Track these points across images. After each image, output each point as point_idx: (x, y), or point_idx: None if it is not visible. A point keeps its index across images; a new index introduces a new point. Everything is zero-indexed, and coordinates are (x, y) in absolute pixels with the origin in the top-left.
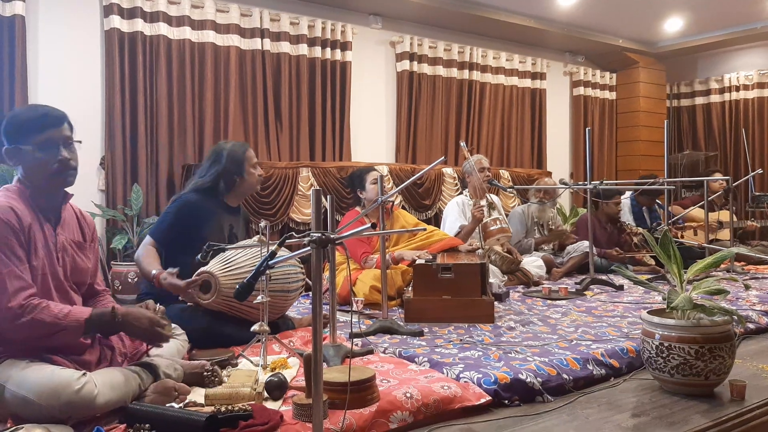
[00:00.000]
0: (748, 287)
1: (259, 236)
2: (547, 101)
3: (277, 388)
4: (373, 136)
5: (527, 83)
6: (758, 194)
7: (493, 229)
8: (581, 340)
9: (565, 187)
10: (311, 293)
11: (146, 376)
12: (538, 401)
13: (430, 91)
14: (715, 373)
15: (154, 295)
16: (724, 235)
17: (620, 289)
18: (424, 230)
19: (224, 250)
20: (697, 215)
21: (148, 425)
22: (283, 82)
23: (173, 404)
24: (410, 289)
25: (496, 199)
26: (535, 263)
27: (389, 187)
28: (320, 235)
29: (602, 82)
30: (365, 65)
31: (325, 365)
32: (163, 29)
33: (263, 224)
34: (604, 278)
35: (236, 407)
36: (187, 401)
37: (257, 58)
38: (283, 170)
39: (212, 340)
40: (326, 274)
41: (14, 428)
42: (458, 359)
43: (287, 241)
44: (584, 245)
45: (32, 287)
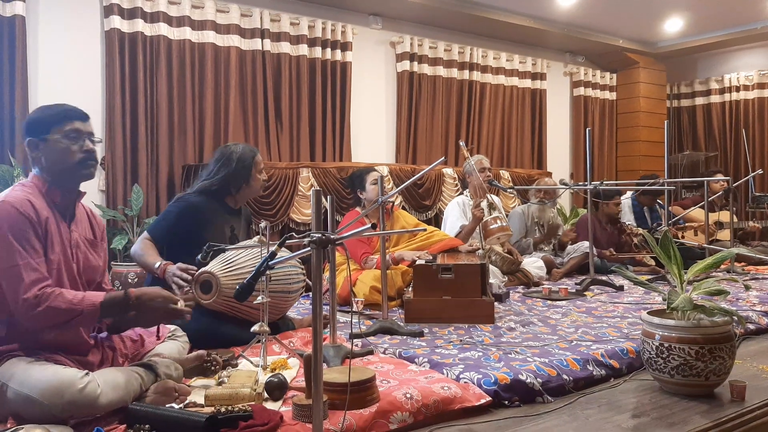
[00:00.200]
0: (748, 288)
1: (259, 237)
2: (547, 101)
3: (277, 388)
4: (373, 136)
5: (527, 83)
6: (758, 195)
7: (493, 227)
8: (581, 340)
9: (565, 187)
10: (311, 294)
11: (147, 376)
12: (538, 402)
13: (430, 91)
14: (715, 373)
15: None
16: (724, 235)
17: (620, 289)
18: (424, 231)
19: (225, 250)
20: (697, 216)
21: (148, 426)
22: (283, 82)
23: (173, 405)
24: (410, 289)
25: (496, 199)
26: (535, 264)
27: (389, 187)
28: (320, 235)
29: (602, 82)
30: (365, 65)
31: (325, 366)
32: (163, 29)
33: (263, 225)
34: (604, 279)
35: (236, 408)
36: (187, 402)
37: (257, 58)
38: (283, 171)
39: (212, 340)
40: (326, 274)
41: (14, 428)
42: (458, 360)
43: (287, 241)
44: (584, 246)
45: (47, 279)
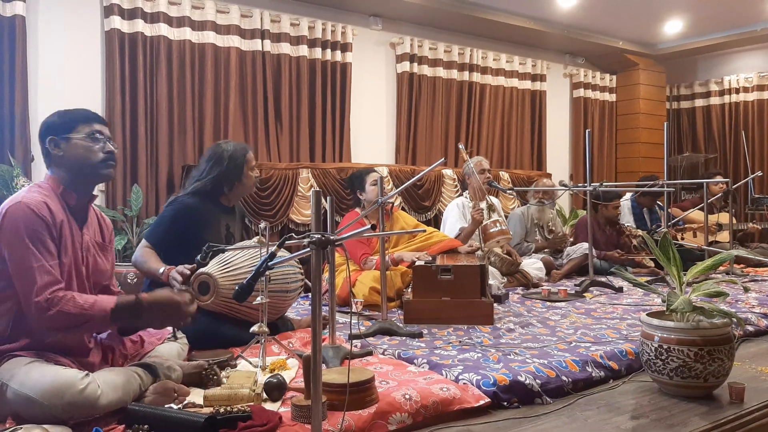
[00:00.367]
0: (747, 290)
1: (258, 237)
2: (547, 103)
3: (276, 389)
4: (373, 137)
5: (527, 85)
6: (758, 196)
7: (492, 231)
8: (580, 342)
9: (564, 188)
10: (310, 294)
11: (146, 376)
12: (537, 403)
13: (430, 92)
14: (714, 375)
15: None
16: (723, 237)
17: (619, 291)
18: (423, 232)
19: (224, 251)
20: (696, 217)
21: (147, 426)
22: (283, 83)
23: (172, 405)
24: (410, 290)
25: (495, 201)
26: (534, 265)
27: (389, 188)
28: (320, 236)
29: (602, 83)
30: (365, 66)
31: (324, 366)
32: (163, 30)
33: (263, 225)
34: (603, 280)
35: (235, 408)
36: (186, 402)
37: (257, 59)
38: (282, 171)
39: (211, 341)
40: (326, 275)
41: (13, 428)
42: (457, 361)
43: (287, 242)
44: (583, 247)
45: (60, 282)
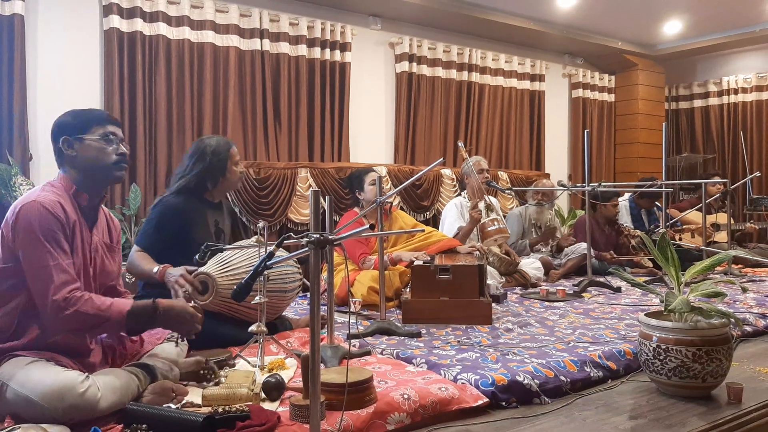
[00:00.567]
0: (745, 290)
1: (257, 237)
2: (546, 103)
3: (274, 388)
4: (372, 137)
5: (526, 85)
6: (756, 197)
7: (490, 229)
8: (579, 342)
9: (563, 188)
10: (309, 294)
11: (144, 376)
12: (535, 403)
13: (429, 92)
14: (712, 375)
15: (154, 295)
16: (721, 237)
17: (618, 291)
18: (422, 231)
19: (222, 250)
20: (694, 218)
21: (145, 425)
22: (282, 82)
23: (171, 405)
24: (408, 290)
25: (494, 200)
26: (533, 265)
27: (388, 188)
28: (318, 236)
29: (601, 84)
30: (364, 66)
31: (322, 366)
32: (162, 29)
33: (261, 224)
34: (601, 280)
35: (233, 408)
36: (184, 402)
37: (256, 58)
38: (281, 171)
39: (210, 340)
40: (324, 274)
41: (11, 428)
42: (456, 361)
43: (285, 241)
44: (582, 247)
45: (76, 281)
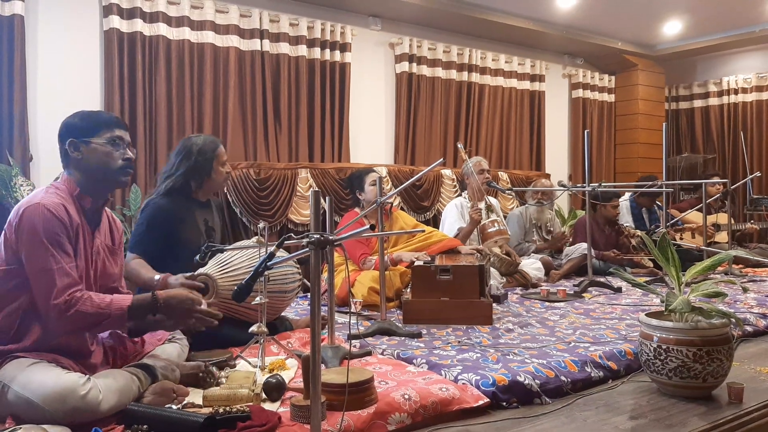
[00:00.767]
0: (746, 290)
1: (257, 237)
2: (546, 103)
3: (275, 389)
4: (372, 137)
5: (526, 85)
6: (756, 197)
7: (491, 231)
8: (579, 342)
9: (563, 189)
10: (309, 295)
11: (145, 377)
12: (536, 403)
13: (429, 92)
14: (712, 375)
15: None
16: (722, 237)
17: (618, 291)
18: (422, 231)
19: (222, 251)
20: (694, 218)
21: (146, 426)
22: (282, 83)
23: (171, 405)
24: (409, 290)
25: (494, 201)
26: (533, 265)
27: (388, 188)
28: (319, 236)
29: (601, 84)
30: (364, 67)
31: (323, 367)
32: (162, 30)
33: (261, 225)
34: (602, 280)
35: (234, 408)
36: (185, 402)
37: (256, 58)
38: (281, 171)
39: (210, 341)
40: (325, 275)
41: (12, 429)
42: (456, 361)
43: (286, 242)
44: (582, 247)
45: (79, 283)
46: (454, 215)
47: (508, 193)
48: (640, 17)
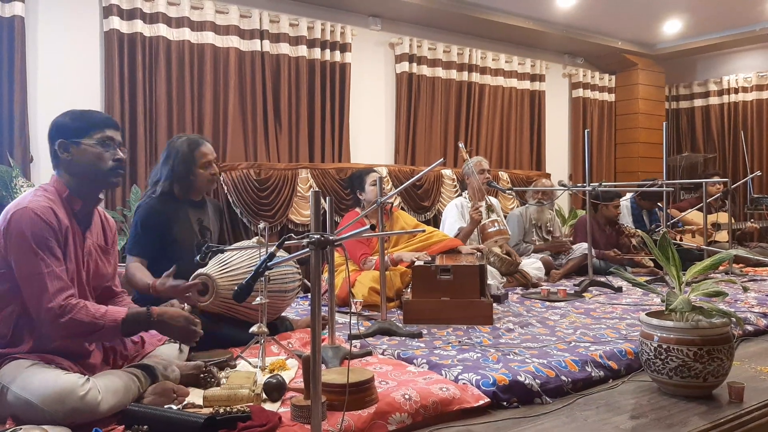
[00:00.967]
0: (746, 289)
1: (257, 237)
2: (546, 103)
3: (275, 389)
4: (372, 137)
5: (526, 85)
6: (757, 196)
7: (491, 230)
8: (580, 341)
9: (563, 188)
10: (310, 295)
11: (145, 378)
12: (536, 403)
13: (429, 92)
14: (713, 375)
15: (149, 300)
16: (722, 237)
17: (619, 290)
18: (423, 231)
19: (222, 251)
20: (694, 218)
21: (146, 426)
22: (282, 83)
23: (172, 405)
24: (409, 290)
25: (495, 201)
26: (533, 265)
27: (388, 188)
28: (319, 236)
29: (601, 83)
30: (364, 67)
31: (323, 367)
32: (162, 30)
33: (262, 225)
34: (602, 280)
35: (234, 409)
36: (185, 402)
37: (257, 59)
38: (282, 171)
39: (210, 341)
40: (325, 275)
41: (12, 429)
42: (457, 361)
43: (286, 242)
44: (583, 247)
45: (71, 288)
46: (454, 215)
47: (508, 193)
48: (640, 16)
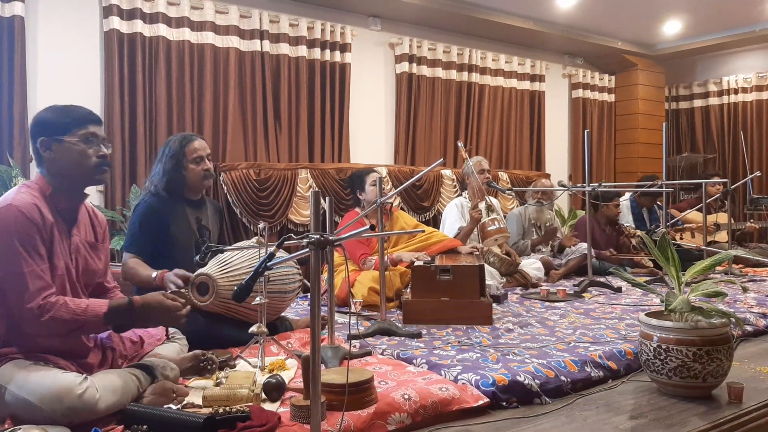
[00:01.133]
0: (746, 289)
1: (257, 237)
2: (546, 103)
3: (275, 389)
4: (372, 137)
5: (526, 85)
6: (756, 197)
7: (491, 229)
8: (579, 342)
9: (563, 189)
10: (309, 295)
11: (144, 377)
12: (536, 403)
13: (429, 92)
14: (712, 375)
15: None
16: (721, 237)
17: (618, 291)
18: (422, 231)
19: (222, 251)
20: (694, 218)
21: (145, 426)
22: (282, 83)
23: (171, 405)
24: (409, 290)
25: (494, 201)
26: (533, 265)
27: (388, 188)
28: (319, 236)
29: (601, 84)
30: (364, 67)
31: (323, 367)
32: (162, 30)
33: (261, 225)
34: (602, 280)
35: (234, 408)
36: (185, 402)
37: (256, 59)
38: (281, 171)
39: (210, 341)
40: (325, 275)
41: (12, 429)
42: (456, 361)
43: (286, 242)
44: (583, 247)
45: (52, 287)
46: (454, 215)
47: (508, 193)
48: (640, 17)
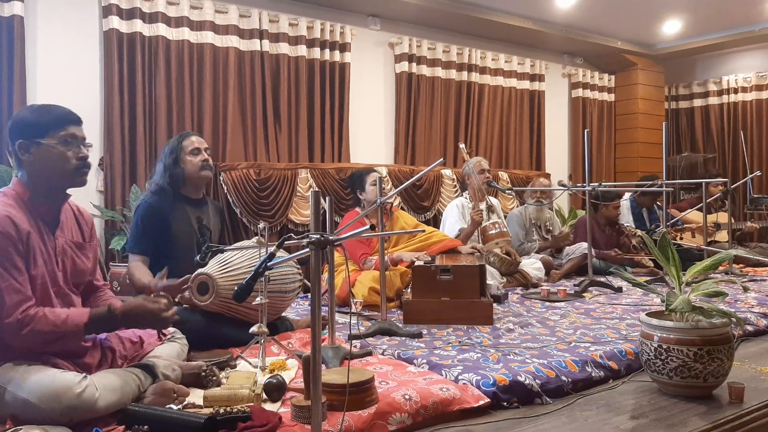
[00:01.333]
0: (746, 289)
1: (257, 237)
2: (545, 103)
3: (275, 389)
4: (372, 137)
5: (526, 85)
6: (756, 196)
7: (492, 233)
8: (580, 342)
9: (563, 188)
10: (310, 295)
11: (145, 377)
12: (536, 403)
13: (428, 92)
14: (713, 375)
15: None
16: (722, 237)
17: (619, 291)
18: (423, 231)
19: (222, 251)
20: (695, 218)
21: (146, 426)
22: (281, 83)
23: (172, 406)
24: (409, 290)
25: (495, 201)
26: (533, 265)
27: (388, 188)
28: (319, 236)
29: (601, 83)
30: (364, 66)
31: (323, 367)
32: (161, 30)
33: (261, 225)
34: (602, 280)
35: (235, 409)
36: (185, 402)
37: (256, 59)
38: (281, 171)
39: (210, 341)
40: (325, 275)
41: (13, 429)
42: (457, 361)
43: (286, 242)
44: (583, 247)
45: (31, 299)
46: (455, 215)
47: (508, 192)
48: (639, 16)
